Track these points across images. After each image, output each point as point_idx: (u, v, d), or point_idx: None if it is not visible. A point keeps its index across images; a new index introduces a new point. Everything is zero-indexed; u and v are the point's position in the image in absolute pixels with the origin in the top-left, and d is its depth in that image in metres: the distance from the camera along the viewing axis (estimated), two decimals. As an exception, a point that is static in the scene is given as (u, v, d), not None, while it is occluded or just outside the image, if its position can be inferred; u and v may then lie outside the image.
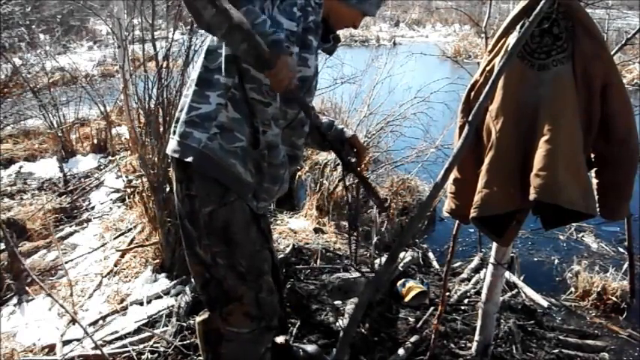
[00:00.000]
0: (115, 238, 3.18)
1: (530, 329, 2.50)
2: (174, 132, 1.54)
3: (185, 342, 2.15)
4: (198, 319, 1.74)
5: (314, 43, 1.51)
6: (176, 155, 1.50)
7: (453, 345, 2.32)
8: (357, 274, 2.73)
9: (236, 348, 1.61)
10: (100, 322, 2.39)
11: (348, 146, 1.72)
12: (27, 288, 2.71)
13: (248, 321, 1.56)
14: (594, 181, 1.64)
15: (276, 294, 1.62)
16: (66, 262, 2.90)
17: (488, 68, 1.64)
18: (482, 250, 3.33)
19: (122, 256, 2.93)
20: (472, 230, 3.83)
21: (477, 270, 3.13)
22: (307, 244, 3.19)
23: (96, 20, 11.66)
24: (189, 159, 1.46)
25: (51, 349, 2.21)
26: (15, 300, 2.64)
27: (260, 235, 1.58)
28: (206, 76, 1.48)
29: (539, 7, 1.40)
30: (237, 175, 1.48)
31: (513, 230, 1.71)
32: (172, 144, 1.53)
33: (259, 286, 1.55)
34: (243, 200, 1.51)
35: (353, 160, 1.73)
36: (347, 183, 1.86)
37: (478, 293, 2.72)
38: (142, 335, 2.22)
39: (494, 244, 1.96)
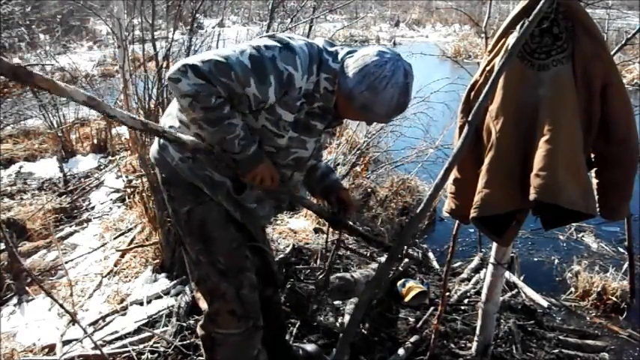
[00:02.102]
0: (115, 238, 3.18)
1: (530, 329, 2.51)
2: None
3: (185, 342, 2.15)
4: (198, 325, 1.74)
5: (318, 126, 1.50)
6: (154, 162, 1.61)
7: (453, 345, 2.32)
8: (357, 275, 2.73)
9: (228, 352, 1.62)
10: (100, 322, 2.39)
11: (335, 199, 1.69)
12: (27, 288, 2.71)
13: (235, 320, 1.57)
14: (594, 181, 1.64)
15: (256, 291, 1.63)
16: (66, 262, 2.90)
17: (488, 68, 1.64)
18: (482, 250, 3.33)
19: (122, 256, 2.93)
20: (472, 230, 3.83)
21: (477, 270, 3.13)
22: (307, 244, 3.19)
23: (96, 20, 11.66)
24: (164, 175, 1.57)
25: (51, 349, 2.21)
26: (15, 300, 2.64)
27: (239, 233, 1.60)
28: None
29: (538, 7, 1.40)
30: (206, 184, 1.52)
31: (513, 230, 1.71)
32: (154, 149, 1.60)
33: (240, 282, 1.57)
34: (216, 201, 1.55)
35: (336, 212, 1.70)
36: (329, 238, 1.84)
37: (478, 293, 2.72)
38: (142, 335, 2.22)
39: (494, 244, 1.96)
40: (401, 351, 2.19)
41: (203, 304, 1.62)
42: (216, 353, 1.64)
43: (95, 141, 5.14)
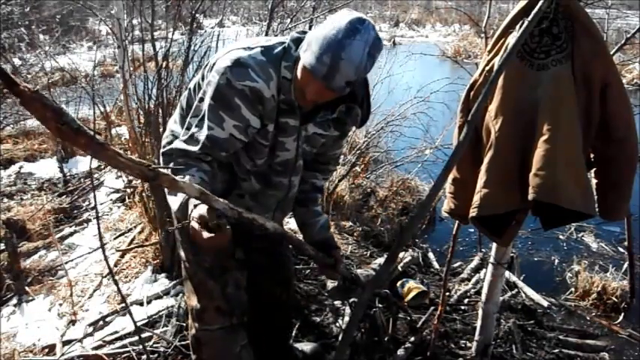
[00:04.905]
0: (115, 239, 3.18)
1: (530, 329, 2.51)
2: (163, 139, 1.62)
3: (185, 342, 2.15)
4: (188, 326, 1.75)
5: (290, 123, 1.41)
6: (158, 162, 1.61)
7: (453, 345, 2.32)
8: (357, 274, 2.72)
9: (213, 350, 1.64)
10: (100, 322, 2.39)
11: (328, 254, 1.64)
12: (27, 288, 2.71)
13: (220, 317, 1.59)
14: (594, 181, 1.64)
15: (243, 290, 1.63)
16: (66, 263, 2.90)
17: (487, 68, 1.64)
18: (483, 250, 3.33)
19: (122, 257, 2.93)
20: (472, 230, 3.83)
21: (477, 270, 3.13)
22: (307, 244, 3.18)
23: (95, 20, 11.66)
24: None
25: (51, 349, 2.21)
26: (15, 300, 2.64)
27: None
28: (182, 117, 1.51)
29: (537, 6, 1.41)
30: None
31: (513, 230, 1.71)
32: (161, 150, 1.60)
33: (225, 281, 1.58)
34: None
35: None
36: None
37: (478, 293, 2.72)
38: (142, 335, 2.22)
39: (494, 244, 1.96)
40: (401, 351, 2.19)
41: (192, 302, 1.63)
42: (201, 352, 1.66)
43: (95, 141, 5.14)
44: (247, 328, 1.67)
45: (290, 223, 3.52)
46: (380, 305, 2.31)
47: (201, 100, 1.37)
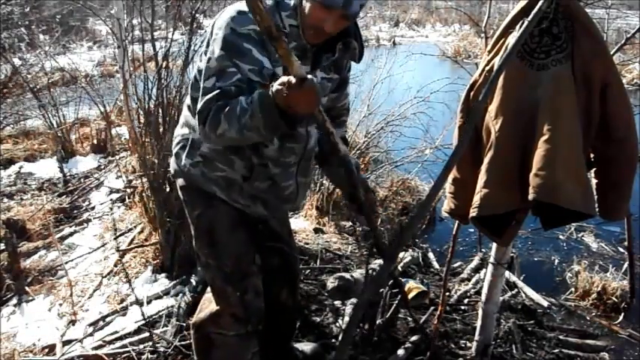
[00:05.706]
0: (115, 239, 3.18)
1: (530, 329, 2.51)
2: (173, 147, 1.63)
3: (185, 342, 2.15)
4: (192, 320, 1.74)
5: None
6: (172, 172, 1.64)
7: (453, 345, 2.32)
8: (357, 275, 2.73)
9: (224, 354, 1.63)
10: (100, 322, 2.39)
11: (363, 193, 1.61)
12: (27, 288, 2.71)
13: (236, 323, 1.58)
14: (594, 181, 1.64)
15: (262, 296, 1.63)
16: (66, 263, 2.90)
17: (487, 68, 1.64)
18: (483, 250, 3.33)
19: (122, 257, 2.93)
20: (472, 230, 3.82)
21: (477, 270, 3.13)
22: (307, 244, 3.19)
23: (95, 20, 11.66)
24: (179, 181, 1.60)
25: (51, 349, 2.21)
26: (15, 300, 2.64)
27: (248, 238, 1.59)
28: (195, 108, 1.47)
29: (537, 6, 1.41)
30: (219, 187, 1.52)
31: (513, 230, 1.71)
32: (172, 160, 1.64)
33: (244, 287, 1.57)
34: (229, 204, 1.54)
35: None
36: None
37: (478, 293, 2.72)
38: (142, 335, 2.23)
39: (494, 244, 1.96)
40: (401, 351, 2.19)
41: (211, 304, 1.62)
42: (211, 355, 1.65)
43: (95, 141, 5.15)
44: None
45: (293, 224, 3.52)
46: (391, 289, 2.29)
47: (209, 60, 1.34)
